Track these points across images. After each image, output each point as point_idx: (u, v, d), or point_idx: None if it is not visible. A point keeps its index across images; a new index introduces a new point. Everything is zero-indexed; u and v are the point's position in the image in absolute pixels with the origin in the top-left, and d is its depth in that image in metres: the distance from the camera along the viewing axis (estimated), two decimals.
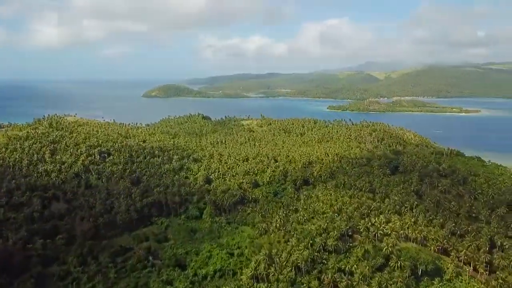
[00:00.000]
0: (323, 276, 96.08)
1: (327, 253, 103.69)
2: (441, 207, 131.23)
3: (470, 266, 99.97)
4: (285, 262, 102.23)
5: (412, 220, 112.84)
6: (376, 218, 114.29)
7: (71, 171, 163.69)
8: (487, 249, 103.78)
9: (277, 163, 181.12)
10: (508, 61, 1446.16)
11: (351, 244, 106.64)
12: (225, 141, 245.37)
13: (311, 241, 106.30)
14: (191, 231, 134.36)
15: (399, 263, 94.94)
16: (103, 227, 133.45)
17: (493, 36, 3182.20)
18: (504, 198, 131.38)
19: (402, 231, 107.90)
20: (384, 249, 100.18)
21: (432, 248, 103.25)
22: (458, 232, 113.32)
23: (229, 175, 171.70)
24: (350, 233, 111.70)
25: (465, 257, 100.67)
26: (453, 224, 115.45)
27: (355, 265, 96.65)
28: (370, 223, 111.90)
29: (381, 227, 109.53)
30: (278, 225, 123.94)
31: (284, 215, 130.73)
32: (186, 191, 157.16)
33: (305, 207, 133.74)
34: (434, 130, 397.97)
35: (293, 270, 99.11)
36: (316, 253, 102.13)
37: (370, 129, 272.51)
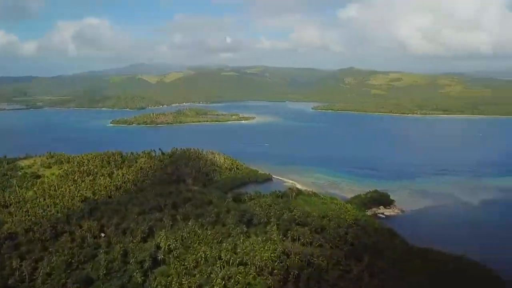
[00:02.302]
0: None
1: None
2: (312, 266, 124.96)
3: None
4: None
5: None
6: None
7: None
8: None
9: (105, 238, 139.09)
10: (257, 64, 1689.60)
11: None
12: (5, 203, 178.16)
13: None
14: None
15: None
16: None
17: (238, 42, 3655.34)
18: (364, 243, 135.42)
19: None
20: None
21: None
22: None
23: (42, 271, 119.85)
24: None
25: None
26: None
27: None
28: None
29: None
30: None
31: None
32: None
33: None
34: (260, 143, 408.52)
35: None
36: None
37: (185, 158, 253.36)
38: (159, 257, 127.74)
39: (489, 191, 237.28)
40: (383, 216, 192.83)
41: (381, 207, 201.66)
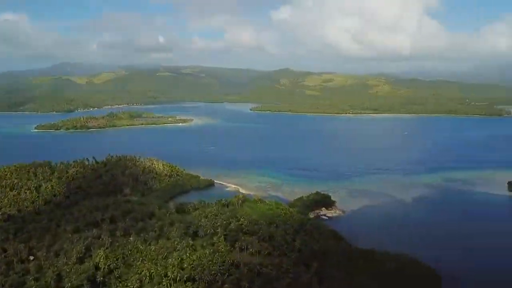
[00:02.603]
0: None
1: None
2: (262, 276, 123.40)
3: None
4: None
5: None
6: None
7: None
8: None
9: (35, 261, 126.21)
10: (192, 64, 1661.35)
11: None
12: None
13: None
14: None
15: None
16: None
17: (172, 42, 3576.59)
18: (311, 248, 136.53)
19: None
20: None
21: None
22: None
23: None
24: None
25: None
26: None
27: None
28: None
29: None
30: None
31: None
32: None
33: None
34: (205, 147, 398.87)
35: None
36: None
37: (121, 166, 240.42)
38: (98, 279, 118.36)
39: (417, 188, 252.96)
40: (325, 217, 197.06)
41: (323, 208, 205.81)
